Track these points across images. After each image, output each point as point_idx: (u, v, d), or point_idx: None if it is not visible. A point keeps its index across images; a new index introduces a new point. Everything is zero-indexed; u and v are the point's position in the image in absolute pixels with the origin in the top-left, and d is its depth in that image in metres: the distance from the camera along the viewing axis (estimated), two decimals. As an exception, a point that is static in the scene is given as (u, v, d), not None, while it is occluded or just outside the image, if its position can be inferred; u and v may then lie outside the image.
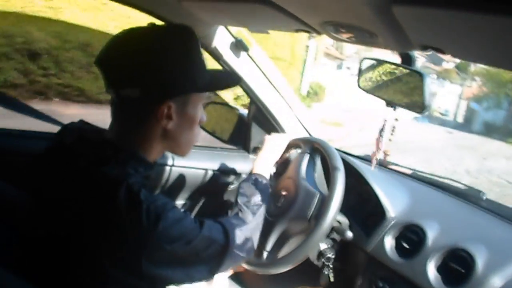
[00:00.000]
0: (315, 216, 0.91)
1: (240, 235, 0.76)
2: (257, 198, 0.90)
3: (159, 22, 0.89)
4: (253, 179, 0.97)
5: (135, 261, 0.59)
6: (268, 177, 1.01)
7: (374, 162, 0.97)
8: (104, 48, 0.66)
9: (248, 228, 0.81)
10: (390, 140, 0.93)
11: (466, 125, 22.85)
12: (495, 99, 23.12)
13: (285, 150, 1.13)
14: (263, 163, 1.04)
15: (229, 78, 0.84)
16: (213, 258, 0.70)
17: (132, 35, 0.66)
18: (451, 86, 27.07)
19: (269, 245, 0.97)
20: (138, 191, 0.60)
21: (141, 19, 0.84)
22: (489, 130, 20.71)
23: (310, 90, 11.90)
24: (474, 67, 23.82)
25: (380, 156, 0.97)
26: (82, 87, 4.96)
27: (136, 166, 0.66)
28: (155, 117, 0.66)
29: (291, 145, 1.14)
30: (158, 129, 0.68)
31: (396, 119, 0.91)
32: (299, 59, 10.48)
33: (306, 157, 1.06)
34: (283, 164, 1.14)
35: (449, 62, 25.67)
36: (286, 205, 0.99)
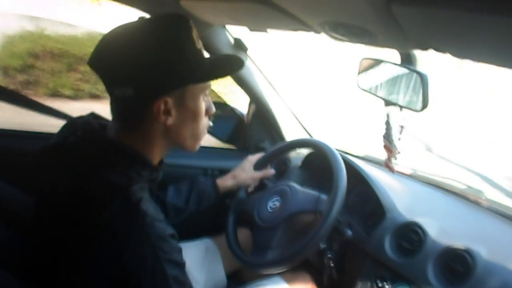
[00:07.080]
0: (321, 209, 0.91)
1: None
2: None
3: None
4: None
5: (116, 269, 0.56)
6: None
7: (392, 166, 0.97)
8: (95, 49, 0.64)
9: None
10: (399, 139, 0.92)
11: None
12: None
13: (285, 152, 1.12)
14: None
15: (231, 64, 0.76)
16: None
17: (119, 33, 0.64)
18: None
19: (269, 245, 0.97)
20: (137, 202, 0.58)
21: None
22: None
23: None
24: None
25: (394, 158, 0.96)
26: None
27: (139, 170, 0.64)
28: (153, 114, 0.63)
29: (291, 147, 1.14)
30: (158, 126, 0.66)
31: (404, 119, 0.90)
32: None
33: (306, 158, 1.06)
34: (282, 167, 1.13)
35: None
36: (281, 207, 0.99)
